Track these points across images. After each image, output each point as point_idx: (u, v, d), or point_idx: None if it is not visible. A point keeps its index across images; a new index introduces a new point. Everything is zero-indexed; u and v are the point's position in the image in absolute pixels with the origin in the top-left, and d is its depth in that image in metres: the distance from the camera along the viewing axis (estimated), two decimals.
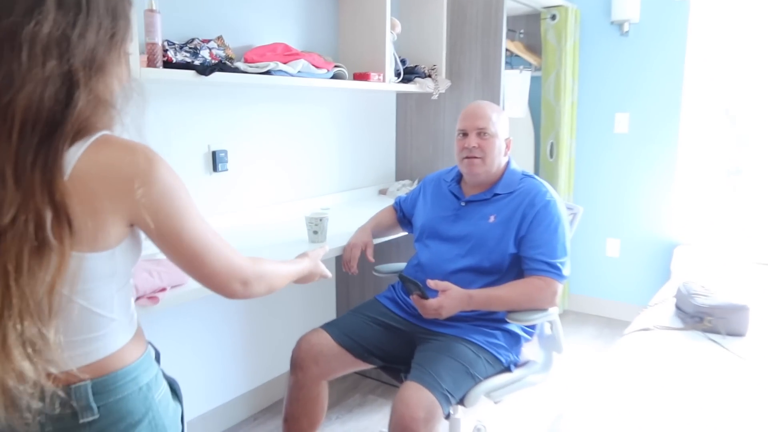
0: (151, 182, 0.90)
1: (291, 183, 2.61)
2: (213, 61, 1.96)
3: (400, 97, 3.17)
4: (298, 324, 2.71)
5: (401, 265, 2.11)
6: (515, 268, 1.81)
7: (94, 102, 0.88)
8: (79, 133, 0.86)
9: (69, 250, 0.84)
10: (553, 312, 1.77)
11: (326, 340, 1.85)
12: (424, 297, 1.68)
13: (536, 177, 1.88)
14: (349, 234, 2.07)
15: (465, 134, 1.86)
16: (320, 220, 2.02)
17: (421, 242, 1.97)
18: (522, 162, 3.65)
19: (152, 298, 1.42)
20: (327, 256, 1.96)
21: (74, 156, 0.85)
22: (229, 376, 2.44)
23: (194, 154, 2.19)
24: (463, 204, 1.90)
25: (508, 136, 1.90)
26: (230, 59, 2.06)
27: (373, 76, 2.53)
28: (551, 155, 3.56)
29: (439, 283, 1.69)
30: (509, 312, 1.72)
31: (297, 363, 1.85)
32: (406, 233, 2.21)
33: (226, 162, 2.28)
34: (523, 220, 1.77)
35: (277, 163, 2.52)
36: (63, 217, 0.83)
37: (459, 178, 1.97)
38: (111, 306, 0.94)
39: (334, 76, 2.38)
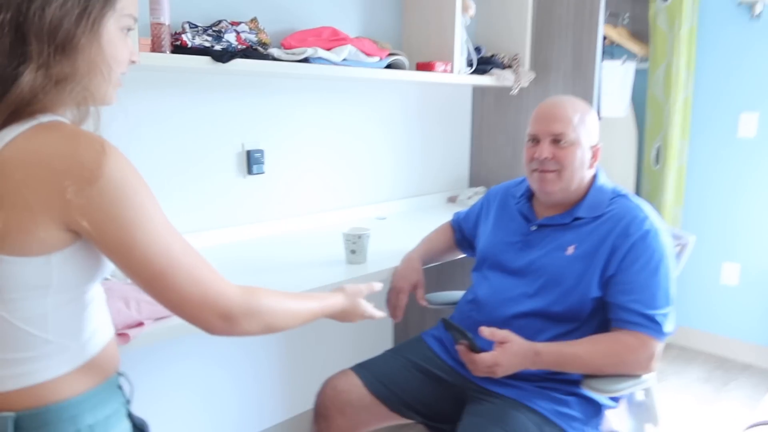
0: (91, 179, 0.75)
1: (339, 188, 2.28)
2: (239, 46, 1.66)
3: (477, 91, 2.76)
4: (345, 350, 2.39)
5: (458, 295, 1.72)
6: (598, 316, 1.38)
7: (51, 81, 0.77)
8: (20, 114, 0.77)
9: None
10: (649, 378, 1.33)
11: (356, 387, 1.51)
12: (474, 349, 1.30)
13: (632, 197, 1.44)
14: (403, 252, 1.72)
15: (536, 141, 1.45)
16: (359, 237, 1.68)
17: (479, 273, 1.58)
18: (621, 170, 3.12)
19: (122, 335, 1.14)
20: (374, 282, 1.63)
21: (3, 139, 0.76)
22: (266, 403, 2.17)
23: (225, 154, 1.92)
24: (533, 228, 1.49)
25: (596, 143, 1.47)
26: (264, 44, 1.76)
27: (439, 66, 2.16)
28: (657, 162, 3.02)
29: (496, 332, 1.30)
30: (587, 377, 1.30)
31: (320, 412, 1.53)
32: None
33: (263, 164, 2.00)
34: (612, 254, 1.34)
35: (324, 165, 2.21)
36: None
37: (531, 194, 1.56)
38: (44, 324, 0.80)
39: (390, 66, 2.03)
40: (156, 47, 1.45)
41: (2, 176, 0.74)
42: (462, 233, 1.77)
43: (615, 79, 3.05)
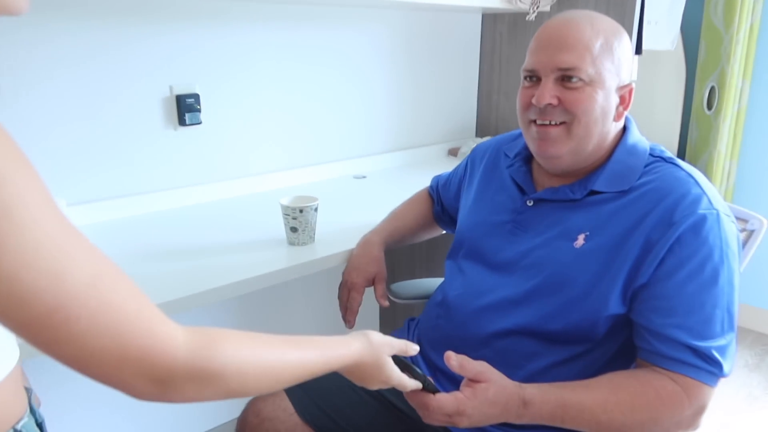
0: None
1: (303, 141, 1.85)
2: None
3: (487, 19, 2.25)
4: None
5: (435, 285, 1.29)
6: (622, 334, 0.94)
7: None
8: None
9: None
10: None
11: (285, 414, 1.13)
12: (429, 389, 0.88)
13: (680, 163, 0.97)
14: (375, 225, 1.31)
15: (536, 79, 0.98)
16: (300, 211, 1.26)
17: (454, 262, 1.15)
18: (664, 115, 2.59)
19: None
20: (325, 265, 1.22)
21: None
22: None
23: (148, 102, 1.49)
24: (529, 204, 1.04)
25: (627, 82, 0.99)
26: None
27: None
28: (709, 106, 2.48)
29: (467, 364, 0.87)
30: None
31: None
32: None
33: (198, 111, 1.57)
34: (645, 252, 0.88)
35: (282, 112, 1.77)
36: None
37: (528, 154, 1.09)
38: None
39: None
40: None
41: None
42: (441, 204, 1.33)
43: (662, 3, 2.48)
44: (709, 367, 0.84)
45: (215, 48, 1.57)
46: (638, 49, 2.12)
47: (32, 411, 0.69)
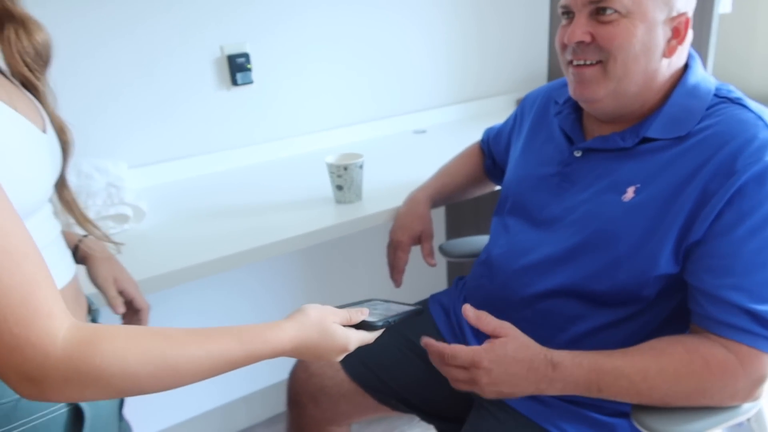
0: None
1: (360, 95, 1.81)
2: None
3: None
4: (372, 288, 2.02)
5: (484, 241, 1.24)
6: (675, 297, 0.86)
7: None
8: None
9: None
10: (751, 409, 0.81)
11: (333, 371, 1.15)
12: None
13: (750, 103, 0.85)
14: None
15: (570, 13, 0.89)
16: (345, 168, 1.24)
17: (499, 219, 1.09)
18: (766, 50, 2.31)
19: None
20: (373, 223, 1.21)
21: None
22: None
23: (199, 62, 1.51)
24: (577, 155, 0.95)
25: (681, 11, 0.86)
26: None
27: None
28: None
29: (484, 317, 0.83)
30: (638, 408, 0.81)
31: (292, 398, 1.20)
32: None
33: (249, 71, 1.57)
34: (701, 205, 0.78)
35: (336, 67, 1.73)
36: None
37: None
38: None
39: None
40: None
41: None
42: (492, 158, 1.26)
43: None
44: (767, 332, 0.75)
45: (264, 4, 1.55)
46: None
47: (92, 316, 0.79)
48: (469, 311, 0.83)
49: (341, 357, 0.74)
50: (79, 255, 0.88)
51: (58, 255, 0.71)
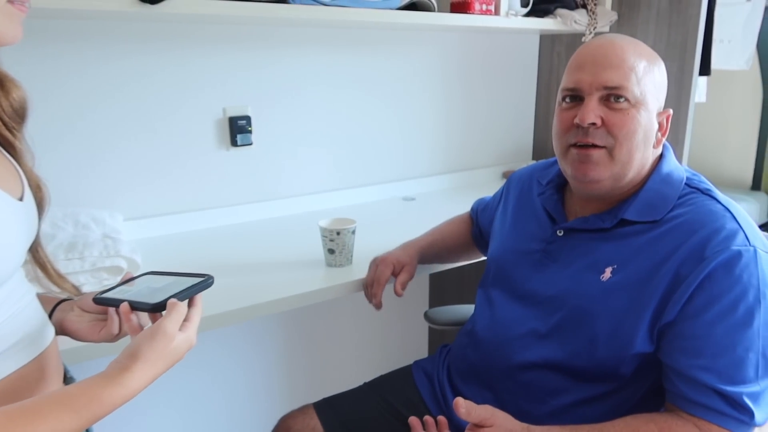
0: None
1: (353, 162, 1.88)
2: None
3: (545, 40, 2.22)
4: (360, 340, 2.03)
5: (469, 311, 1.27)
6: (648, 379, 0.90)
7: None
8: None
9: None
10: None
11: (313, 430, 1.15)
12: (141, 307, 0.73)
13: (717, 195, 0.92)
14: None
15: (577, 98, 0.95)
16: (337, 233, 1.28)
17: (484, 291, 1.13)
18: (739, 139, 2.45)
19: None
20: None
21: None
22: (258, 410, 1.86)
23: (203, 123, 1.57)
24: (559, 233, 1.01)
25: (665, 108, 0.95)
26: None
27: (478, 5, 1.66)
28: None
29: (472, 410, 0.84)
30: None
31: None
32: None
33: (249, 133, 1.63)
34: (674, 288, 0.84)
35: (332, 134, 1.80)
36: None
37: (562, 181, 1.07)
38: None
39: (414, 6, 1.57)
40: None
41: None
42: (479, 227, 1.32)
43: (736, 21, 2.36)
44: (738, 415, 0.79)
45: (267, 72, 1.63)
46: (706, 69, 2.02)
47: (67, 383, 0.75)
48: (461, 407, 0.84)
49: (184, 346, 0.67)
50: (54, 319, 0.80)
51: (34, 319, 0.69)
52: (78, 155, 1.42)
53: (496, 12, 1.70)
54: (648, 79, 0.91)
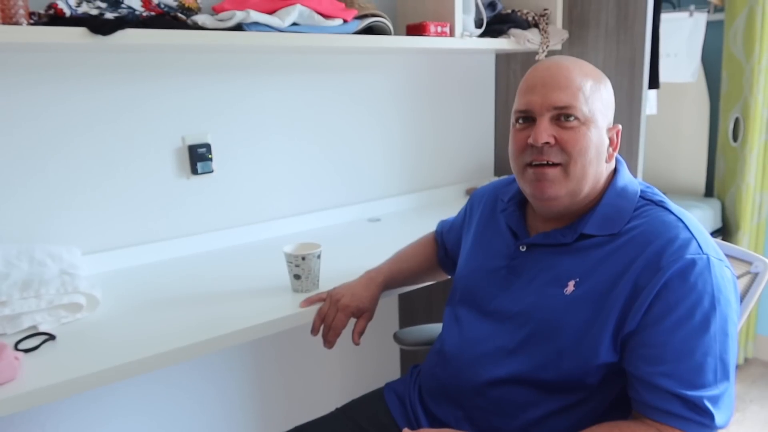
0: None
1: (317, 185, 1.88)
2: (146, 13, 1.28)
3: (501, 59, 2.27)
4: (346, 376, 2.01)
5: (437, 329, 1.28)
6: (614, 388, 0.91)
7: None
8: None
9: None
10: None
11: None
12: None
13: (670, 206, 0.95)
14: None
15: (530, 119, 0.98)
16: (302, 258, 1.27)
17: (451, 309, 1.14)
18: (689, 148, 2.54)
19: None
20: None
21: None
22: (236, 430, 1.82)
23: (162, 152, 1.55)
24: (522, 249, 1.03)
25: (614, 123, 0.99)
26: (188, 10, 1.37)
27: (433, 28, 1.69)
28: (735, 138, 2.42)
29: None
30: None
31: None
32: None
33: (210, 161, 1.62)
34: (633, 298, 0.86)
35: (294, 158, 1.80)
36: None
37: (522, 199, 1.09)
38: None
39: (371, 30, 1.59)
40: (6, 18, 1.09)
41: None
42: (445, 249, 1.33)
43: (680, 36, 2.46)
44: (699, 418, 0.81)
45: (226, 99, 1.63)
46: (655, 83, 2.10)
47: None
48: None
49: None
50: None
51: None
52: (32, 189, 1.38)
53: (451, 33, 1.73)
54: (595, 97, 0.95)
